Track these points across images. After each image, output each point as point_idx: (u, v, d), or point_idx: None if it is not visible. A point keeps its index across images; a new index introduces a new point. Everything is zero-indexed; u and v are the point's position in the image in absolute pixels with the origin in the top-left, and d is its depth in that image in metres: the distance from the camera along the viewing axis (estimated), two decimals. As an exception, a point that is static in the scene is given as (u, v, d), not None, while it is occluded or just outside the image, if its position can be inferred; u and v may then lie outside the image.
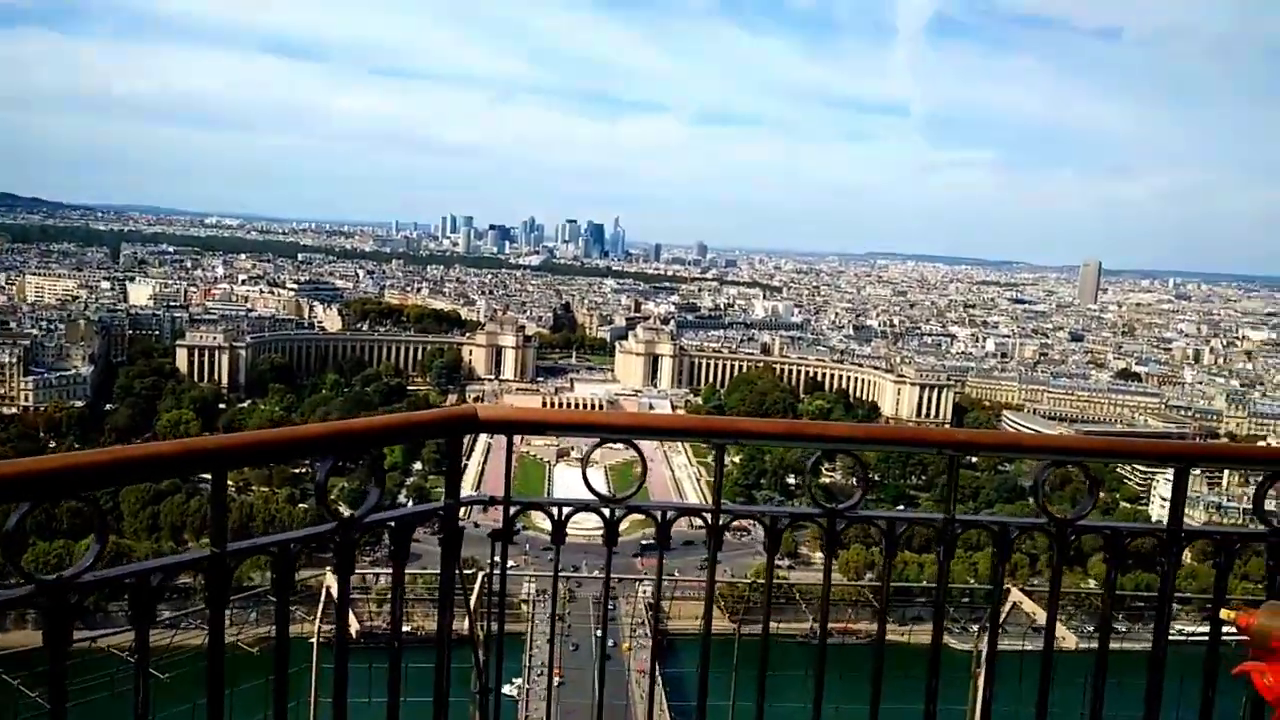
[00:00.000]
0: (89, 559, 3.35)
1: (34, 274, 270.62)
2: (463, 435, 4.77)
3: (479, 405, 4.69)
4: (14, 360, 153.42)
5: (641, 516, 5.01)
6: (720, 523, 4.85)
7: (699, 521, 5.02)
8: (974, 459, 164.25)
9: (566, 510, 4.91)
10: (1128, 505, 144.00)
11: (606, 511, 4.84)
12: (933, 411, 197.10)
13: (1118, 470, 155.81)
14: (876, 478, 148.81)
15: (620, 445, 5.09)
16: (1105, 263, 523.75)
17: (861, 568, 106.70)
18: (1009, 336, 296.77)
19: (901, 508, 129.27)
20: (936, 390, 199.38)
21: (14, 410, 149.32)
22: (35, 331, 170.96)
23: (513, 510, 5.03)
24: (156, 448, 3.58)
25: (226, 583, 3.73)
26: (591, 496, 4.87)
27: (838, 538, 4.83)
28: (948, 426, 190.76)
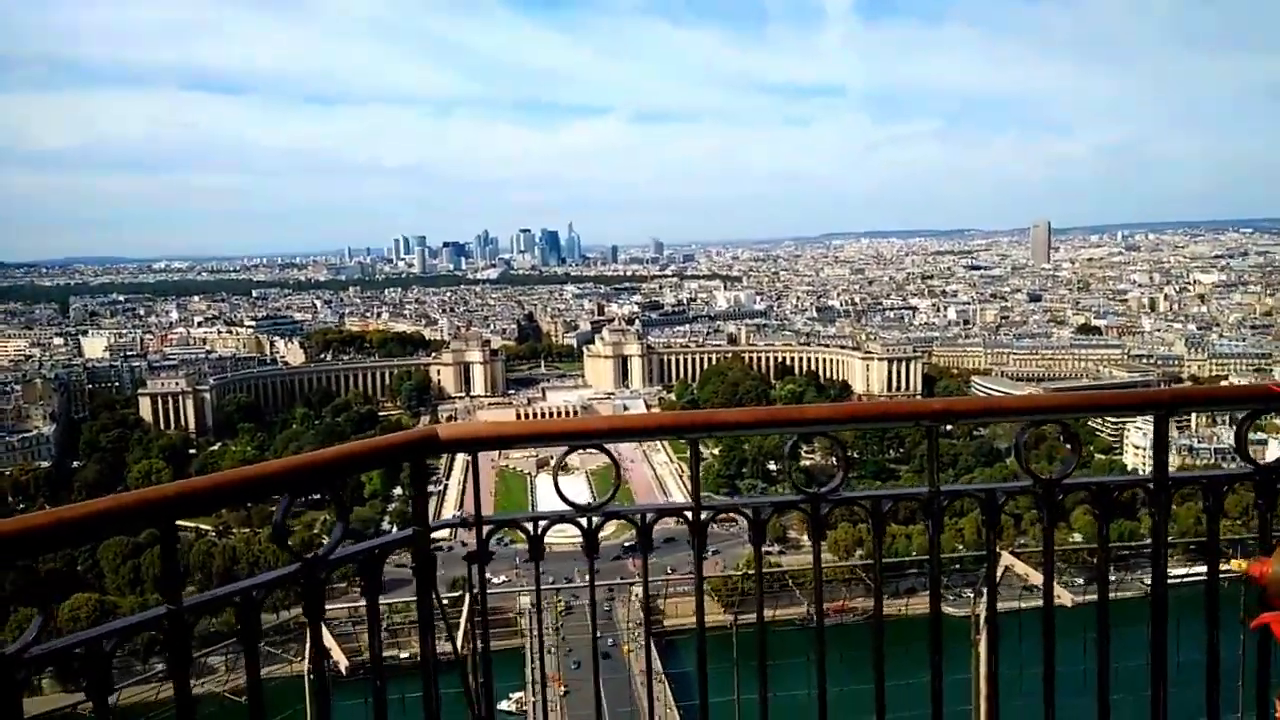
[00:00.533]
0: (32, 632, 3.17)
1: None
2: (425, 457, 4.59)
3: (440, 425, 4.60)
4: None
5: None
6: (702, 519, 4.71)
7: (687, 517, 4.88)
8: (949, 427, 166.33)
9: (543, 524, 4.77)
10: (1102, 457, 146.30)
11: (584, 520, 4.71)
12: (903, 384, 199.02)
13: (1088, 424, 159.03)
14: (855, 455, 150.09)
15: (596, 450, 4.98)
16: (1054, 222, 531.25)
17: (851, 545, 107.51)
18: (969, 303, 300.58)
19: (881, 484, 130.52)
20: (904, 363, 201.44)
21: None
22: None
23: (487, 529, 4.82)
24: (95, 505, 3.28)
25: (186, 641, 3.50)
26: (566, 507, 4.76)
27: (824, 521, 4.78)
28: (919, 398, 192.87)
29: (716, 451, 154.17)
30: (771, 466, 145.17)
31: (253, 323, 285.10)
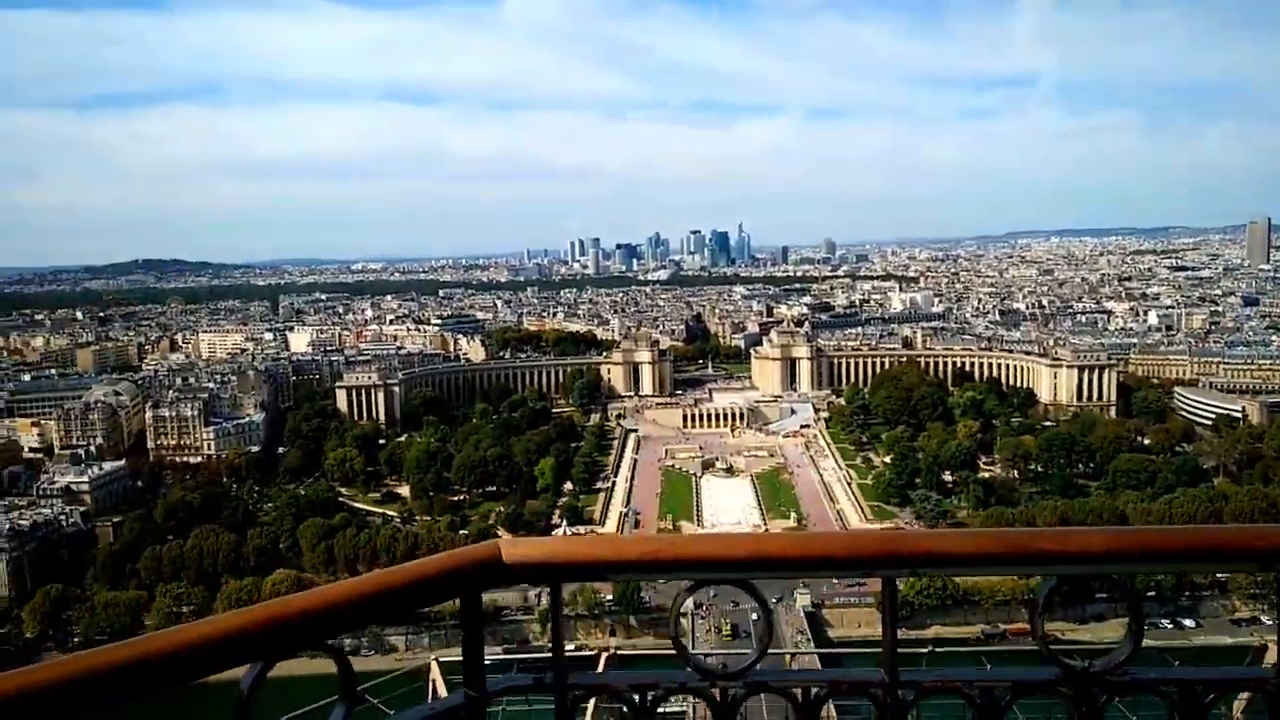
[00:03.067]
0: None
1: (206, 331, 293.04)
2: (481, 591, 3.36)
3: (506, 542, 3.40)
4: (195, 413, 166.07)
5: (792, 521, 3.93)
6: (900, 697, 3.30)
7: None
8: (1145, 440, 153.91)
9: (652, 694, 3.38)
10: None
11: (716, 691, 3.34)
12: (1095, 394, 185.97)
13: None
14: (1039, 468, 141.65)
15: (761, 444, 3.72)
16: (1275, 218, 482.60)
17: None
18: (1173, 307, 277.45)
19: (1067, 501, 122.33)
20: (1097, 371, 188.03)
21: (199, 459, 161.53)
22: (211, 385, 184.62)
23: (575, 692, 3.42)
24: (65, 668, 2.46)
25: None
26: (689, 671, 3.34)
27: (1098, 715, 3.26)
28: (1113, 411, 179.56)
29: (887, 459, 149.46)
30: (946, 477, 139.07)
31: (439, 321, 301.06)
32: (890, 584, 3.48)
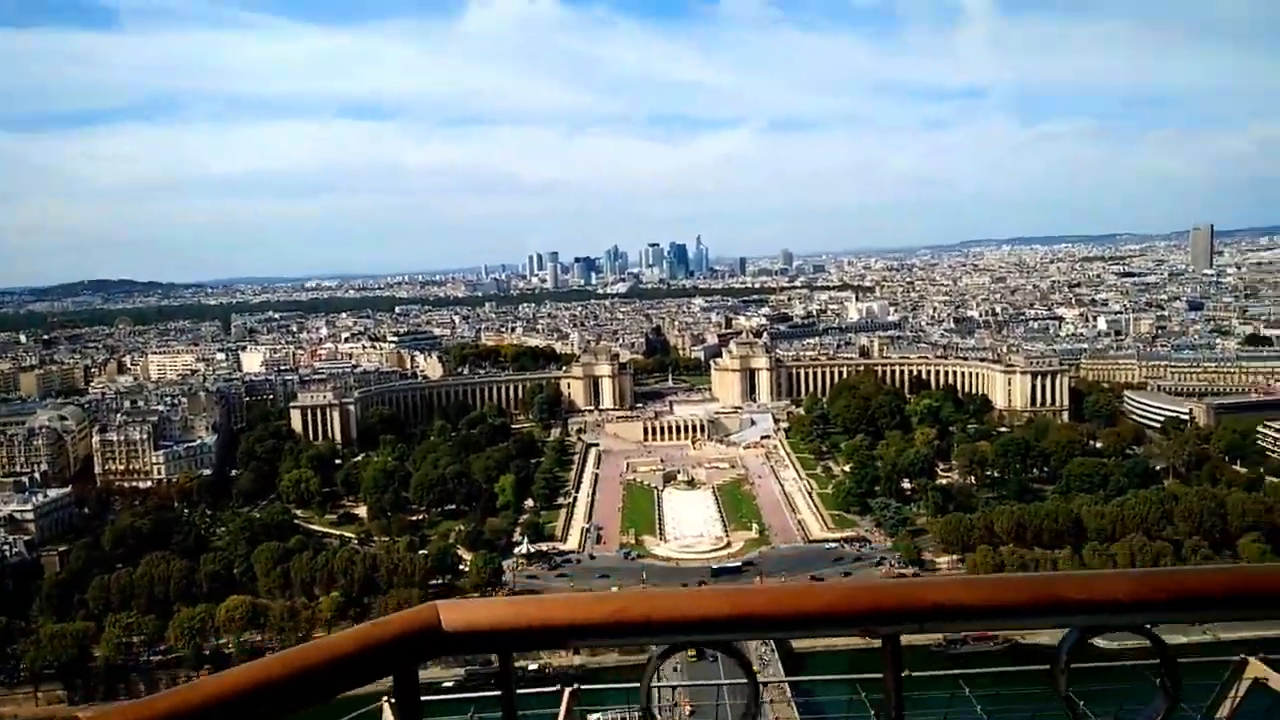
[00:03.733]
0: None
1: (155, 353, 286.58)
2: (418, 663, 3.00)
3: (445, 605, 3.01)
4: (144, 436, 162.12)
5: (754, 533, 3.53)
6: None
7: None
8: (1096, 444, 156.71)
9: None
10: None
11: None
12: (1048, 399, 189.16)
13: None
14: (995, 474, 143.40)
15: (723, 455, 3.50)
16: (1217, 224, 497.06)
17: (991, 569, 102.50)
18: (1121, 312, 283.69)
19: (1024, 505, 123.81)
20: (1050, 376, 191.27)
21: (148, 484, 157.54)
22: (161, 407, 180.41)
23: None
24: None
25: None
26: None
27: None
28: (1066, 415, 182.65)
29: (847, 468, 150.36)
30: (905, 485, 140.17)
31: (395, 338, 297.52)
32: (894, 642, 3.10)
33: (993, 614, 3.01)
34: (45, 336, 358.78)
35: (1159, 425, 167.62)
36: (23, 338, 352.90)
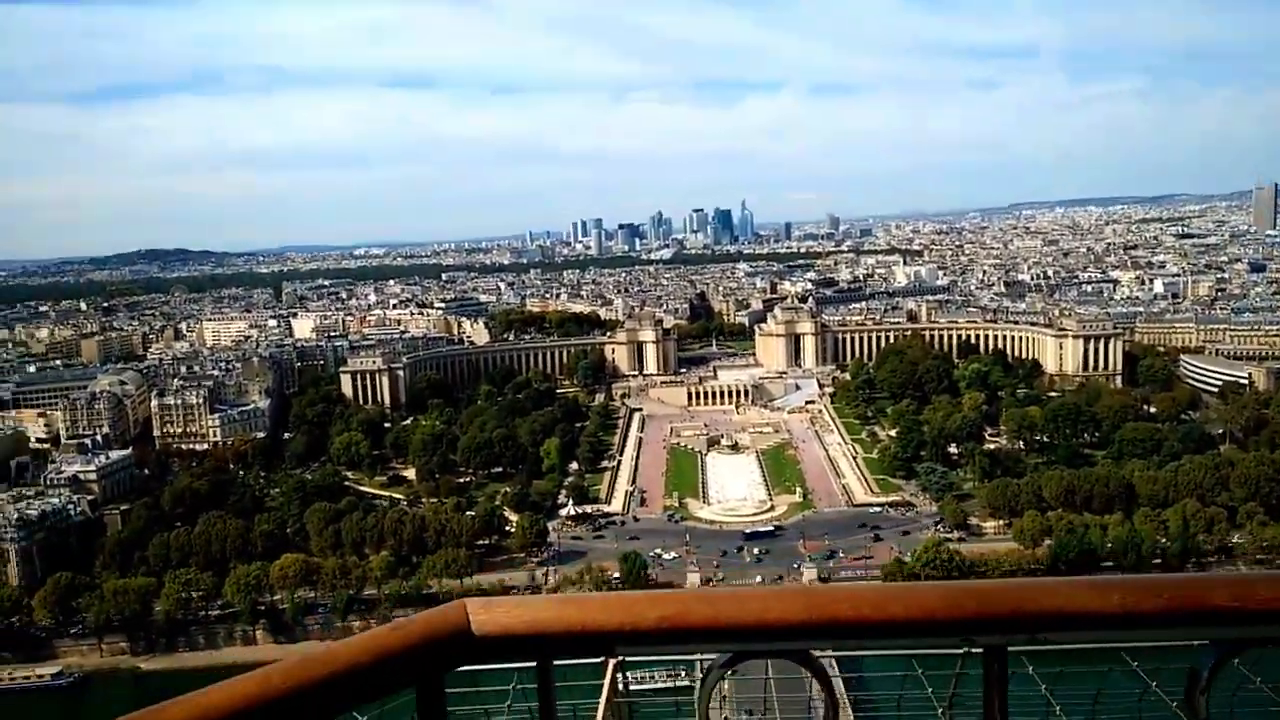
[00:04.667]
0: None
1: (210, 319, 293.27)
2: (444, 673, 2.62)
3: (473, 604, 2.58)
4: (200, 400, 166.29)
5: (798, 497, 3.10)
6: None
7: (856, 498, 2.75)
8: (1150, 408, 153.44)
9: None
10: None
11: None
12: (1101, 364, 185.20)
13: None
14: (1044, 439, 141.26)
15: (767, 420, 3.23)
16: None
17: (1039, 534, 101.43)
18: (1179, 275, 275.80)
19: (1074, 471, 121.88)
20: (1103, 341, 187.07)
21: (205, 446, 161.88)
22: (216, 372, 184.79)
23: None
24: None
25: None
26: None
27: None
28: (1119, 380, 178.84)
29: (893, 433, 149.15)
30: (953, 450, 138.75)
31: (442, 305, 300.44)
32: (999, 655, 2.63)
33: (1125, 623, 2.51)
34: (105, 305, 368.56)
35: (1216, 390, 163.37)
36: (83, 305, 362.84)
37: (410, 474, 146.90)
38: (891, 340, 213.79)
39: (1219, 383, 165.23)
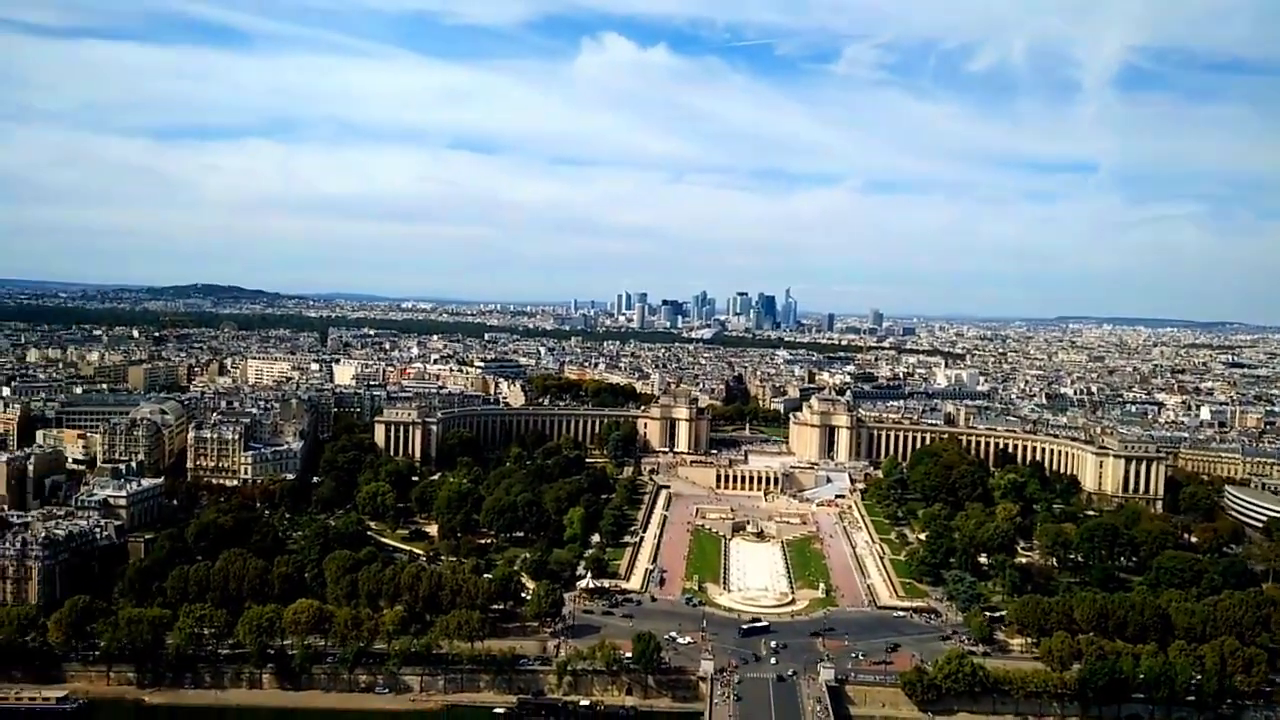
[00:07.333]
0: None
1: (255, 358, 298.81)
2: None
3: None
4: (235, 437, 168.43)
5: (820, 592, 3.54)
6: None
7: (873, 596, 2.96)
8: (1191, 537, 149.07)
9: None
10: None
11: None
12: (1141, 486, 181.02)
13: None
14: (1079, 558, 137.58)
15: (795, 510, 3.64)
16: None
17: (1067, 657, 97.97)
18: (1226, 404, 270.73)
19: (1107, 594, 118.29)
20: (1145, 463, 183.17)
21: (235, 482, 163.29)
22: (255, 410, 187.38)
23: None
24: None
25: None
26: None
27: None
28: (1160, 505, 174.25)
29: (923, 536, 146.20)
30: (983, 559, 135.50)
31: (482, 363, 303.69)
32: None
33: None
34: (156, 334, 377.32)
35: (1261, 525, 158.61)
36: (135, 333, 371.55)
37: (432, 530, 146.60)
38: (927, 441, 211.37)
39: (1264, 518, 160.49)
